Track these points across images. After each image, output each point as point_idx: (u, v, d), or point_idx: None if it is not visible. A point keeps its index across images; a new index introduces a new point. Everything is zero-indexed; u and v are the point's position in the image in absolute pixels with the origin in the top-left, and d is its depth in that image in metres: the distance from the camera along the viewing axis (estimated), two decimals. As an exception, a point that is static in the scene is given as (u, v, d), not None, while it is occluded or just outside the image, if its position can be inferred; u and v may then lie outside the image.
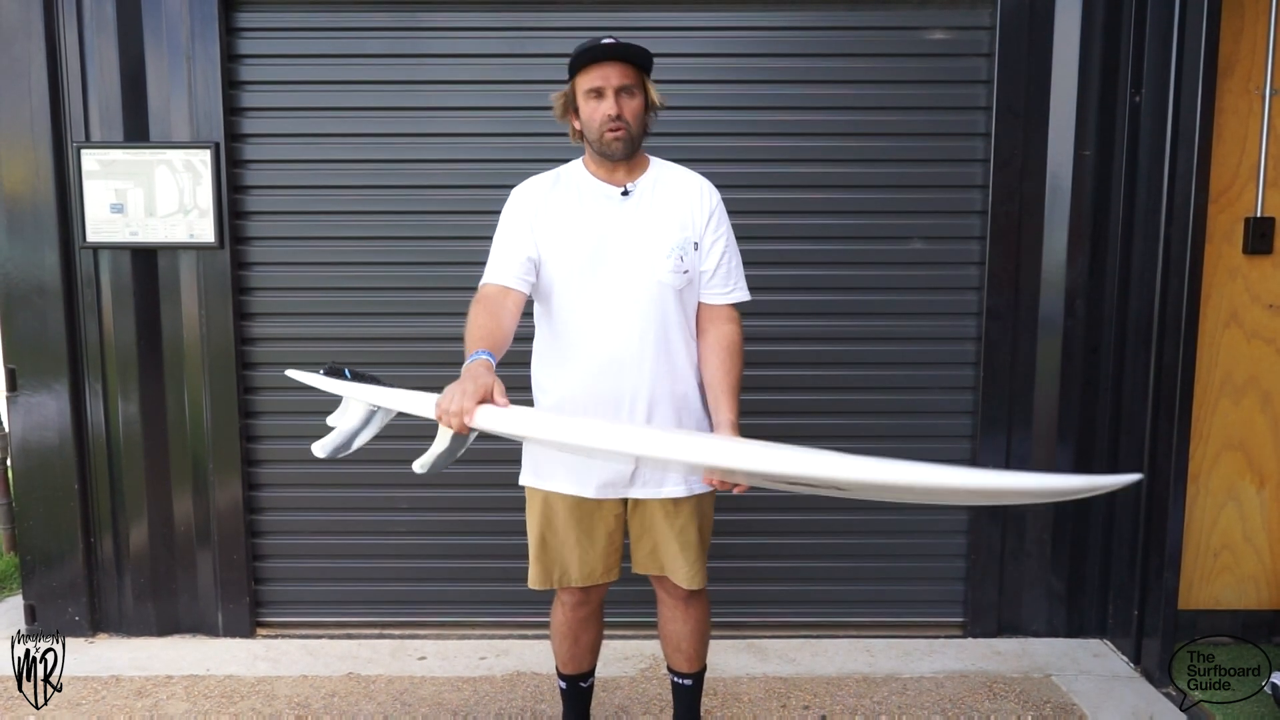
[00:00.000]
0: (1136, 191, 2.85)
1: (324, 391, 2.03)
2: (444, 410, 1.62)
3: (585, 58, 1.90)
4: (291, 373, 2.05)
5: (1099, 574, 3.04)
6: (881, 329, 3.04)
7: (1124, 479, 1.28)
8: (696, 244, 2.00)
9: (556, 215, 1.98)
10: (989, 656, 2.97)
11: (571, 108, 1.98)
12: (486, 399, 1.63)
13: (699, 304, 2.04)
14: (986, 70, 2.92)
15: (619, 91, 1.90)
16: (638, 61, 1.92)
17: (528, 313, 2.10)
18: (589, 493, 2.02)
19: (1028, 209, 2.93)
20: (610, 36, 1.90)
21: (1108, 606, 3.04)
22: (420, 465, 1.68)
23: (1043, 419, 3.00)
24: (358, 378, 1.96)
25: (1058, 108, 2.88)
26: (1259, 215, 2.83)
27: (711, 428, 2.00)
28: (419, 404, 1.77)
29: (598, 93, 1.90)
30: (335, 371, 1.96)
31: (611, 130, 1.90)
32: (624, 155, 1.94)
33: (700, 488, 2.03)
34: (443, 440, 1.68)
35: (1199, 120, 2.58)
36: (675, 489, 2.02)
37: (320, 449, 1.92)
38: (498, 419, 1.63)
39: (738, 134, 2.97)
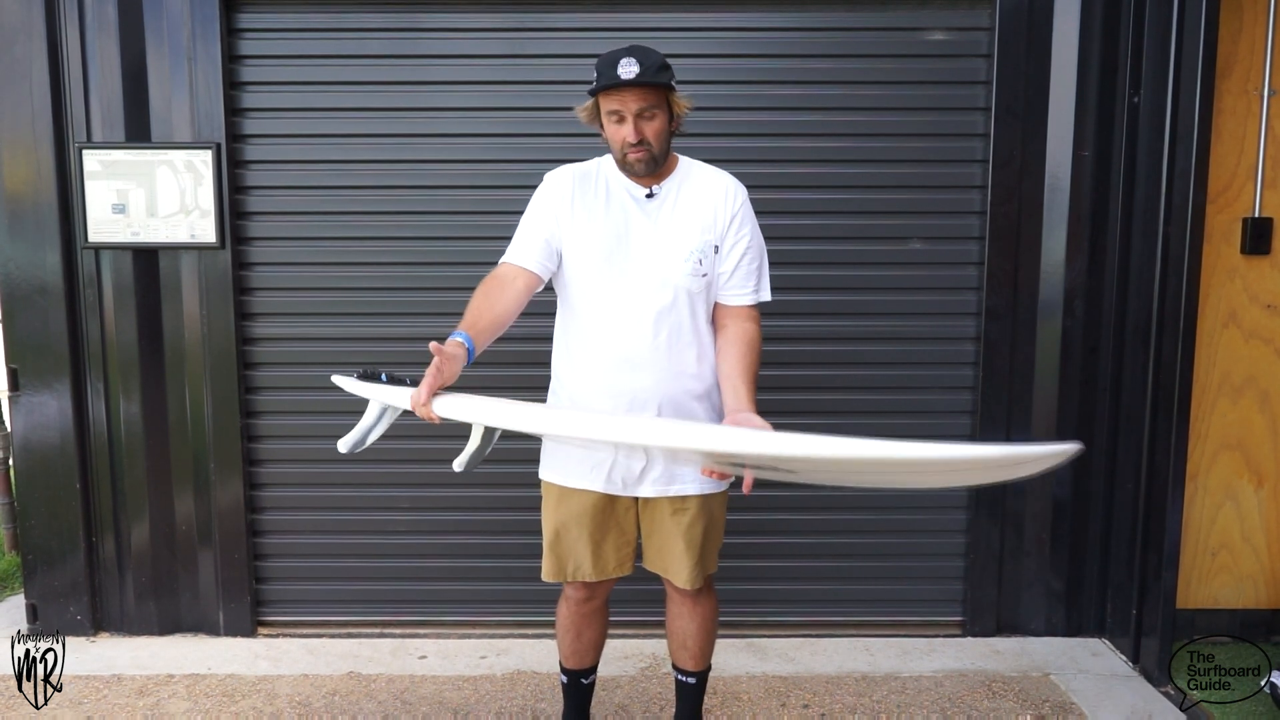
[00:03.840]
0: (1135, 192, 2.86)
1: (344, 393, 2.07)
2: (414, 404, 1.76)
3: (606, 86, 1.88)
4: (337, 379, 2.10)
5: (1097, 573, 3.04)
6: (880, 329, 3.05)
7: (1063, 447, 1.29)
8: (717, 247, 2.00)
9: (583, 210, 2.00)
10: (988, 655, 2.98)
11: (596, 120, 2.00)
12: (438, 384, 1.74)
13: (718, 304, 2.05)
14: (985, 71, 2.93)
15: (638, 116, 1.90)
16: (657, 85, 1.91)
17: (547, 312, 2.11)
18: (599, 486, 2.04)
19: (1027, 209, 2.93)
20: (630, 56, 1.86)
21: (1106, 605, 3.05)
22: (458, 464, 1.82)
23: (1042, 419, 3.00)
24: (395, 382, 1.99)
25: (1056, 108, 2.89)
26: (1257, 216, 2.84)
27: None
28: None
29: (618, 116, 1.92)
30: (368, 376, 2.02)
31: (633, 153, 1.92)
32: (647, 173, 1.96)
33: (710, 486, 2.03)
34: (475, 438, 1.81)
35: (1197, 121, 2.58)
36: (684, 487, 2.03)
37: (343, 445, 2.00)
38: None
39: (736, 135, 2.97)
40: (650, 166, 1.95)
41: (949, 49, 2.95)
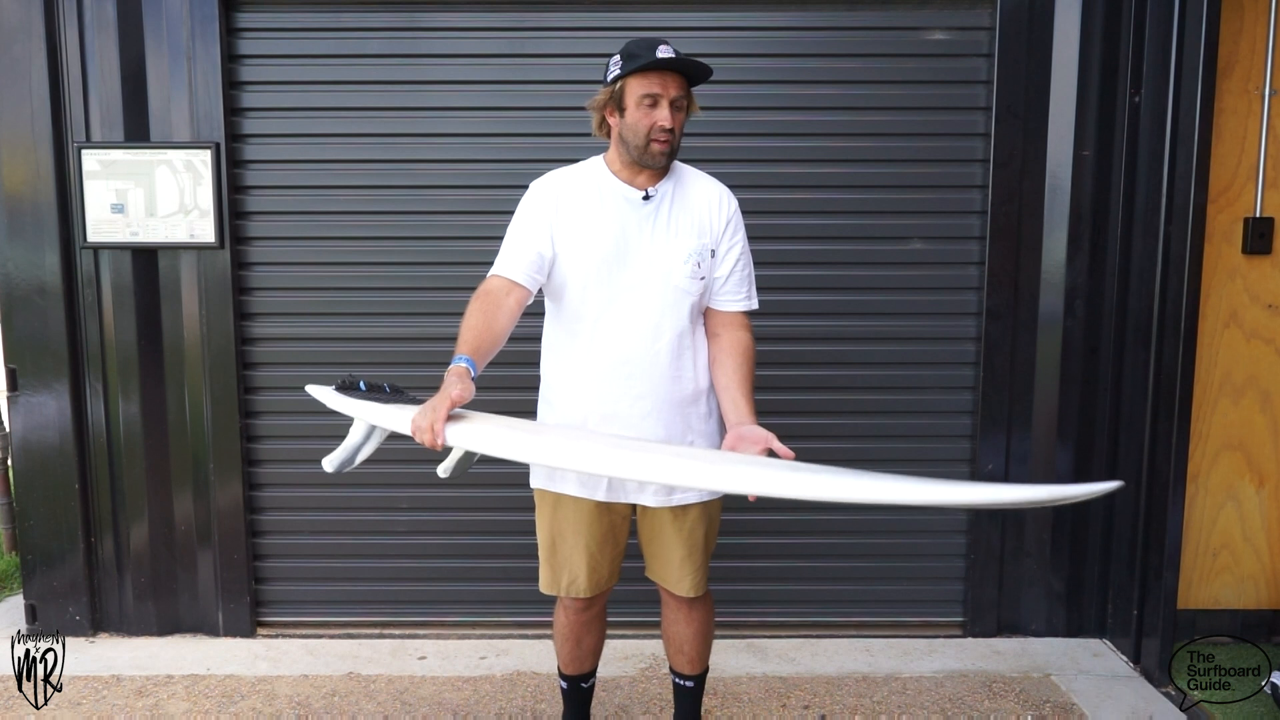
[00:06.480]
0: (1136, 191, 2.86)
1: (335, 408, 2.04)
2: (417, 427, 1.66)
3: (650, 65, 1.85)
4: (311, 389, 2.07)
5: (1098, 573, 3.04)
6: (881, 329, 3.04)
7: (1103, 486, 1.35)
8: (714, 251, 2.00)
9: (576, 213, 1.96)
10: (988, 656, 2.97)
11: (615, 105, 1.93)
12: (455, 407, 1.66)
13: (710, 310, 2.04)
14: (986, 70, 2.93)
15: (673, 103, 1.88)
16: (695, 77, 1.91)
17: (538, 312, 2.10)
18: (599, 495, 2.01)
19: (1027, 209, 2.93)
20: (666, 43, 1.87)
21: (1107, 606, 3.04)
22: (443, 470, 1.74)
23: (1042, 419, 3.00)
24: (374, 389, 1.96)
25: (1057, 108, 2.88)
26: (1258, 215, 2.83)
27: (724, 430, 1.97)
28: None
29: (653, 100, 1.87)
30: (348, 386, 1.97)
31: (660, 140, 1.88)
32: (665, 166, 1.94)
33: (710, 494, 2.02)
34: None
35: (1198, 120, 2.58)
36: (685, 495, 2.01)
37: (329, 464, 1.96)
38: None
39: (736, 134, 2.97)
40: (668, 159, 1.93)
41: (949, 49, 2.95)
